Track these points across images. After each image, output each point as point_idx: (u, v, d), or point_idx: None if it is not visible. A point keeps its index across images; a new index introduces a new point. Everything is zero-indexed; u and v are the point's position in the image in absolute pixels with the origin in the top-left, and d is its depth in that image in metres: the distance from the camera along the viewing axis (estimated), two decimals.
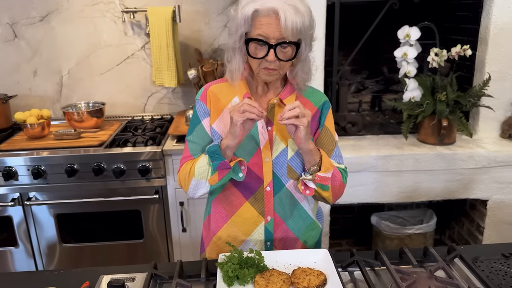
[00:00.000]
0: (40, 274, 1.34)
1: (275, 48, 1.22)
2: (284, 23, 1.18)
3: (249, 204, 1.37)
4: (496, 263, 1.25)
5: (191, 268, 1.24)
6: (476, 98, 2.34)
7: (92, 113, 2.56)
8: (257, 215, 1.37)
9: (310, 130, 1.34)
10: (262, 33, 1.21)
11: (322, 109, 1.42)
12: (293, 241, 1.42)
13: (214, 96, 1.39)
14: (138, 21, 2.72)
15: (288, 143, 1.35)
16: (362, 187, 2.38)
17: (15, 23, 2.70)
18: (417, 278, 1.13)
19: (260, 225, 1.38)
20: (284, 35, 1.20)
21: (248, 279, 1.12)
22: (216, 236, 1.44)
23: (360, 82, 2.85)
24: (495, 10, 2.28)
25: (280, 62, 1.25)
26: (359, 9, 2.54)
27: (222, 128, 1.36)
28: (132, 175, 2.29)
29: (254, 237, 1.39)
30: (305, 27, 1.23)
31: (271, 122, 1.36)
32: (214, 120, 1.37)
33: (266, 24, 1.20)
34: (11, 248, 2.41)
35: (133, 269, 1.28)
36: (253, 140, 1.34)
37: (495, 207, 2.42)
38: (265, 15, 1.20)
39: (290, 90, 1.39)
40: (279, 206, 1.38)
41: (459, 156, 2.31)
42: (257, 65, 1.28)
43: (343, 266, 1.22)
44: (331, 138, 1.42)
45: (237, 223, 1.39)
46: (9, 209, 2.33)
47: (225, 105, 1.38)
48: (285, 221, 1.40)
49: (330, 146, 1.41)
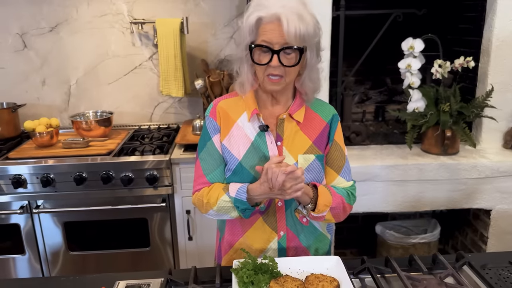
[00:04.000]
0: (56, 279, 1.36)
1: (279, 53, 1.23)
2: (286, 28, 1.19)
3: (263, 220, 1.38)
4: (503, 270, 1.27)
5: (204, 274, 1.26)
6: (479, 109, 2.37)
7: (100, 122, 2.59)
8: (270, 230, 1.38)
9: (322, 146, 1.37)
10: (266, 39, 1.23)
11: (331, 123, 1.41)
12: (304, 254, 1.42)
13: (223, 112, 1.40)
14: (146, 32, 2.77)
15: (298, 159, 1.35)
16: (367, 196, 2.41)
17: (24, 33, 2.75)
18: (427, 285, 1.15)
19: (274, 240, 1.39)
20: (287, 41, 1.22)
21: (262, 284, 1.14)
22: (232, 249, 1.45)
23: (364, 92, 2.89)
24: (497, 22, 2.33)
25: (285, 68, 1.26)
26: (364, 21, 2.58)
27: (232, 144, 1.37)
28: (140, 184, 2.32)
29: (269, 253, 1.40)
30: (309, 34, 1.24)
31: (280, 137, 1.37)
32: (224, 137, 1.38)
33: (269, 30, 1.22)
34: (18, 255, 2.42)
35: (147, 275, 1.30)
36: (263, 155, 1.35)
37: (499, 217, 2.44)
38: (268, 22, 1.22)
39: (299, 104, 1.39)
40: (291, 221, 1.39)
41: (463, 166, 2.34)
42: (262, 73, 1.29)
43: (355, 273, 1.25)
44: (341, 153, 1.43)
45: (251, 238, 1.41)
46: (17, 216, 2.35)
47: (234, 121, 1.38)
48: (298, 236, 1.41)
49: (340, 162, 1.42)
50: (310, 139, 1.37)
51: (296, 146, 1.35)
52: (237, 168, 1.35)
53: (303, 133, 1.38)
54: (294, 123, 1.37)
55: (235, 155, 1.36)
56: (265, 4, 1.23)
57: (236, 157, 1.35)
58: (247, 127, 1.37)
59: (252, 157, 1.34)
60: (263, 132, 1.35)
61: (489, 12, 2.36)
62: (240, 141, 1.36)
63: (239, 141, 1.36)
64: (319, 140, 1.38)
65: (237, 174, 1.36)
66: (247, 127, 1.37)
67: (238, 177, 1.35)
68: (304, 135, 1.37)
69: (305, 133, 1.38)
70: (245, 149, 1.35)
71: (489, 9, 2.36)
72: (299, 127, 1.38)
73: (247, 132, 1.36)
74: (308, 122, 1.39)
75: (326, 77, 2.39)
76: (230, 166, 1.36)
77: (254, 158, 1.35)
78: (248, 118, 1.36)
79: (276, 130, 1.37)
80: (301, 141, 1.37)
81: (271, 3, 1.22)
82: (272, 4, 1.22)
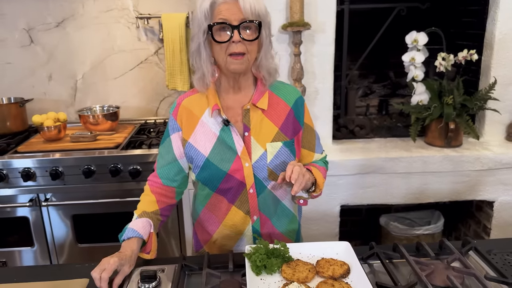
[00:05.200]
0: (70, 267, 1.39)
1: (239, 28, 1.25)
2: (243, 4, 1.24)
3: (236, 207, 1.42)
4: (509, 255, 1.30)
5: (216, 260, 1.29)
6: (482, 102, 2.40)
7: (107, 116, 2.62)
8: (244, 216, 1.43)
9: (288, 132, 1.42)
10: (223, 17, 1.26)
11: (296, 108, 1.44)
12: (278, 236, 1.48)
13: (186, 111, 1.42)
14: (152, 27, 2.79)
15: (267, 147, 1.38)
16: (372, 188, 2.44)
17: (31, 29, 2.77)
18: (435, 269, 1.18)
19: (248, 224, 1.44)
20: (244, 16, 1.25)
21: (275, 268, 1.17)
22: (212, 238, 1.49)
23: (368, 86, 2.91)
24: (500, 16, 2.35)
25: (246, 45, 1.28)
26: (368, 15, 2.61)
27: (198, 141, 1.39)
28: (147, 176, 2.34)
29: (246, 236, 1.46)
30: (262, 11, 1.28)
31: (247, 127, 1.39)
32: (189, 135, 1.41)
33: (225, 10, 1.25)
34: (27, 248, 2.45)
35: (160, 261, 1.34)
36: (230, 149, 1.37)
37: (501, 209, 2.47)
38: (222, 2, 1.26)
39: (262, 91, 1.41)
40: (263, 206, 1.43)
41: (466, 158, 2.37)
42: (224, 53, 1.29)
43: (363, 258, 1.28)
44: (311, 133, 1.51)
45: (228, 226, 1.45)
46: (26, 209, 2.38)
47: (198, 118, 1.40)
48: (270, 219, 1.46)
49: (312, 141, 1.51)
50: (276, 126, 1.41)
51: (263, 135, 1.39)
52: (204, 164, 1.38)
53: (269, 119, 1.41)
54: (259, 112, 1.40)
55: (202, 151, 1.38)
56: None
57: (202, 154, 1.38)
58: (211, 123, 1.39)
59: (219, 152, 1.37)
60: (227, 126, 1.38)
61: (492, 5, 2.38)
62: (205, 137, 1.39)
63: (205, 137, 1.39)
64: (285, 126, 1.41)
65: (206, 169, 1.39)
66: (211, 123, 1.39)
67: (207, 172, 1.39)
68: (270, 122, 1.40)
69: (271, 120, 1.41)
70: (211, 145, 1.38)
71: (492, 3, 2.39)
72: (264, 114, 1.40)
73: (211, 127, 1.39)
74: (273, 108, 1.42)
75: (331, 70, 2.41)
76: (198, 162, 1.39)
77: (221, 152, 1.38)
78: (210, 114, 1.38)
79: (243, 121, 1.39)
80: (268, 129, 1.40)
81: None
82: None
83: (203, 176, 1.40)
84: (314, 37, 2.34)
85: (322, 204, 2.44)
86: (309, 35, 2.33)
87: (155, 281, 1.19)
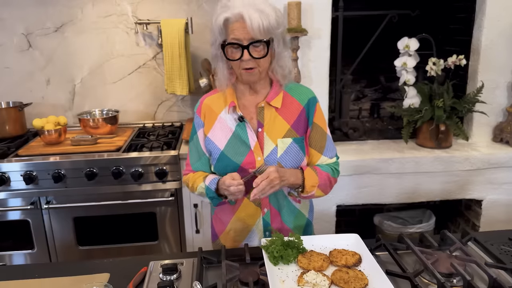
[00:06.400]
0: (90, 262, 1.42)
1: (248, 48, 1.36)
2: (250, 25, 1.33)
3: (248, 200, 1.52)
4: (504, 245, 1.40)
5: (231, 253, 1.36)
6: (471, 104, 2.51)
7: (107, 120, 2.66)
8: (255, 208, 1.53)
9: (300, 129, 1.51)
10: (235, 37, 1.36)
11: (308, 107, 1.54)
12: (286, 232, 1.56)
13: (208, 108, 1.56)
14: (150, 32, 2.85)
15: (278, 143, 1.49)
16: (366, 188, 2.52)
17: (30, 34, 2.80)
18: (439, 257, 1.26)
19: (259, 217, 1.54)
20: (253, 36, 1.35)
21: (291, 258, 1.26)
22: (227, 229, 1.60)
23: (360, 90, 3.01)
24: (486, 23, 2.47)
25: (256, 60, 1.38)
26: (361, 22, 2.70)
27: (215, 136, 1.52)
28: (149, 178, 2.40)
29: (257, 228, 1.55)
30: (272, 27, 1.37)
31: (261, 123, 1.50)
32: (208, 130, 1.54)
33: (236, 29, 1.35)
34: (28, 251, 2.47)
35: (177, 256, 1.40)
36: (243, 143, 1.49)
37: (489, 207, 2.57)
38: (234, 21, 1.35)
39: (276, 91, 1.52)
40: (273, 199, 1.53)
41: (456, 158, 2.47)
42: (238, 67, 1.42)
43: (371, 249, 1.35)
44: (321, 134, 1.57)
45: (240, 217, 1.56)
46: (28, 212, 2.40)
47: (217, 114, 1.53)
48: (280, 212, 1.56)
49: (321, 143, 1.57)
50: (288, 123, 1.51)
51: (275, 131, 1.49)
52: (220, 156, 1.50)
53: (282, 117, 1.51)
54: (273, 109, 1.51)
55: (218, 145, 1.51)
56: (229, 5, 1.37)
57: (218, 147, 1.50)
58: (228, 119, 1.51)
59: (234, 146, 1.49)
60: (242, 122, 1.49)
61: (479, 13, 2.50)
62: (222, 132, 1.51)
63: (221, 132, 1.51)
64: (296, 124, 1.52)
65: (221, 161, 1.51)
66: (228, 119, 1.51)
67: (222, 164, 1.50)
68: (282, 119, 1.51)
69: (284, 117, 1.51)
70: (226, 139, 1.50)
71: (478, 11, 2.50)
72: (278, 112, 1.51)
73: (228, 123, 1.51)
74: (286, 107, 1.52)
75: (326, 75, 2.50)
76: (214, 155, 1.52)
77: (236, 146, 1.49)
78: (228, 111, 1.50)
79: (257, 118, 1.50)
80: (280, 126, 1.50)
81: (234, 4, 1.36)
82: (235, 4, 1.35)
83: (218, 168, 1.52)
84: (310, 42, 2.43)
85: (319, 204, 2.51)
86: (306, 41, 2.41)
87: (176, 273, 1.24)
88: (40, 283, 1.31)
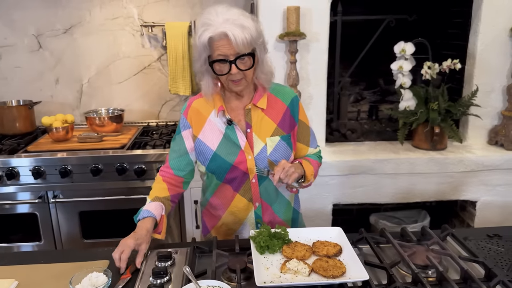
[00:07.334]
0: (92, 250, 1.53)
1: (235, 62, 1.42)
2: (235, 42, 1.38)
3: (240, 195, 1.61)
4: (482, 241, 1.47)
5: (223, 244, 1.44)
6: (466, 108, 2.57)
7: (112, 118, 2.76)
8: (247, 203, 1.61)
9: (285, 127, 1.60)
10: (221, 53, 1.42)
11: (292, 106, 1.63)
12: (278, 223, 1.66)
13: (195, 111, 1.61)
14: (155, 34, 2.95)
15: (266, 141, 1.58)
16: (362, 188, 2.59)
17: (40, 35, 2.92)
18: (417, 250, 1.34)
19: (251, 211, 1.62)
20: (238, 51, 1.40)
21: (276, 248, 1.35)
22: (219, 223, 1.69)
23: (359, 93, 3.08)
24: (481, 28, 2.53)
25: (243, 71, 1.45)
26: (359, 26, 2.77)
27: (206, 137, 1.58)
28: (152, 175, 2.49)
29: (249, 221, 1.64)
30: (253, 38, 1.42)
31: (249, 124, 1.58)
32: (198, 132, 1.60)
33: (221, 46, 1.40)
34: (35, 243, 2.58)
35: (173, 245, 1.49)
36: (234, 144, 1.57)
37: (484, 208, 2.62)
38: (218, 39, 1.40)
39: (261, 93, 1.60)
40: (265, 194, 1.62)
41: (450, 160, 2.52)
42: (225, 79, 1.49)
43: (353, 242, 1.43)
44: (306, 129, 1.68)
45: (233, 212, 1.64)
46: (36, 206, 2.51)
47: (206, 117, 1.60)
48: (271, 205, 1.64)
49: (307, 137, 1.69)
50: (275, 122, 1.60)
51: (263, 131, 1.58)
52: (213, 157, 1.57)
53: (268, 117, 1.60)
54: (259, 111, 1.59)
55: (210, 146, 1.58)
56: (210, 23, 1.41)
57: (211, 148, 1.57)
58: (218, 122, 1.58)
59: (225, 146, 1.57)
60: (231, 125, 1.58)
61: (474, 18, 2.57)
62: (213, 134, 1.58)
63: (212, 134, 1.59)
64: (282, 122, 1.61)
65: (214, 161, 1.58)
66: (217, 122, 1.58)
67: (215, 164, 1.58)
68: (269, 119, 1.60)
69: (270, 117, 1.60)
70: (218, 141, 1.57)
71: (474, 16, 2.57)
72: (264, 113, 1.60)
73: (218, 126, 1.58)
74: (272, 107, 1.61)
75: (324, 77, 2.58)
76: (207, 156, 1.59)
77: (227, 147, 1.57)
78: (216, 114, 1.58)
79: (245, 119, 1.58)
80: (267, 125, 1.59)
81: (215, 22, 1.40)
82: (216, 22, 1.40)
83: (211, 167, 1.59)
84: (309, 46, 2.51)
85: (315, 203, 2.59)
86: (304, 44, 2.49)
87: (171, 260, 1.34)
88: (45, 268, 1.40)
